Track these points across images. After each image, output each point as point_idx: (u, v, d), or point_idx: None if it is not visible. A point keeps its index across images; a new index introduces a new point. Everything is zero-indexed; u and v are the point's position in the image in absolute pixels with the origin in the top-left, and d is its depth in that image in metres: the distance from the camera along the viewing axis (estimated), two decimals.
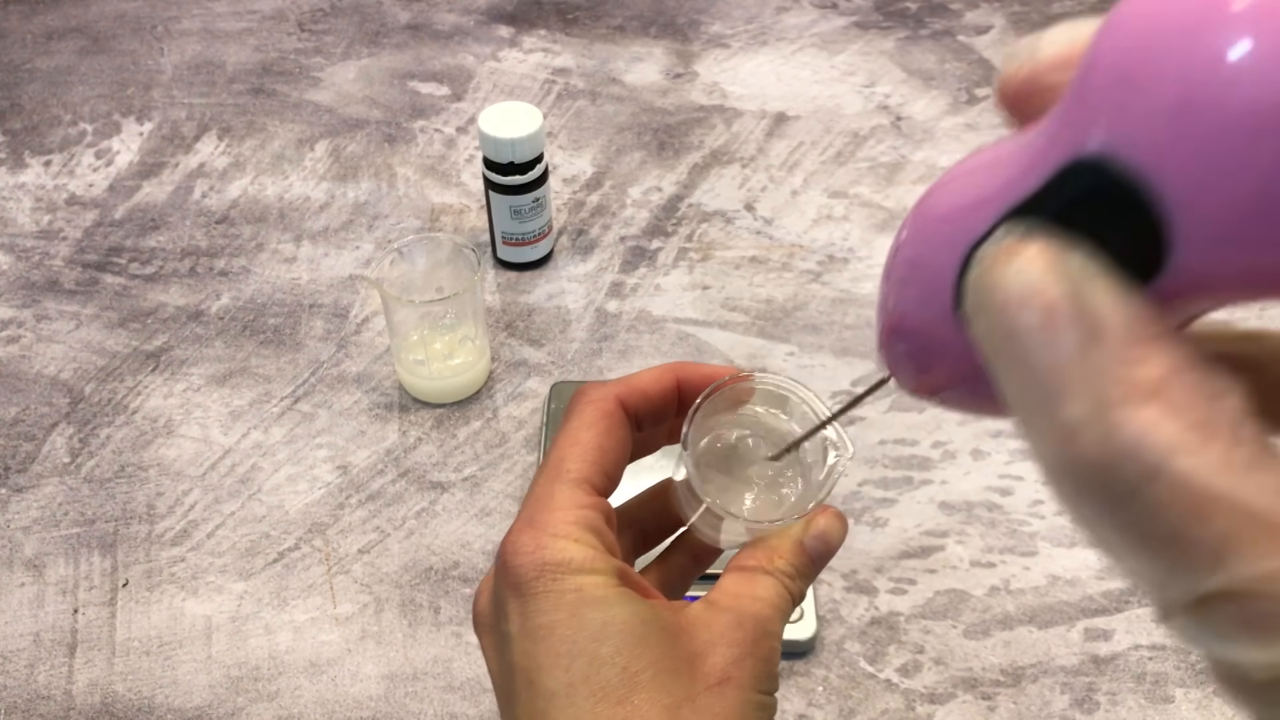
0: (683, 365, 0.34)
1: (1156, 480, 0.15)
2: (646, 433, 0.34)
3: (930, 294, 0.20)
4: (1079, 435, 0.16)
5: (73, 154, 0.92)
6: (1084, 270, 0.16)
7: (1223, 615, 0.15)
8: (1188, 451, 0.15)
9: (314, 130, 0.94)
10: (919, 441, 0.69)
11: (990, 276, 0.17)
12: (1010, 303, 0.17)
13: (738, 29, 1.06)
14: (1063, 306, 0.16)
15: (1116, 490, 0.16)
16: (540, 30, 1.06)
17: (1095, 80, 0.16)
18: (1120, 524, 0.16)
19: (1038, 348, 0.16)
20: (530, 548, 0.29)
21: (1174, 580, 0.16)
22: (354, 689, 0.58)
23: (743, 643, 0.29)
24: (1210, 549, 0.15)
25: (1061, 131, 0.17)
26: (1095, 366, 0.16)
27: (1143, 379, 0.15)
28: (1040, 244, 0.17)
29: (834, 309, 0.78)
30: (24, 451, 0.69)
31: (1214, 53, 0.14)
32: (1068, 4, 1.09)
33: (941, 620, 0.60)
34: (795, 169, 0.90)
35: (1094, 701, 0.57)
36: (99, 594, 0.62)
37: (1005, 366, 0.17)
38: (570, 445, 0.32)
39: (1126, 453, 0.15)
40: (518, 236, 0.78)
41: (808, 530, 0.32)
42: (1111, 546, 0.17)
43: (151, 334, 0.76)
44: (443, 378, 0.70)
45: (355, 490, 0.67)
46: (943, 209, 0.20)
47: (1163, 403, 0.15)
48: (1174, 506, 0.15)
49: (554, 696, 0.28)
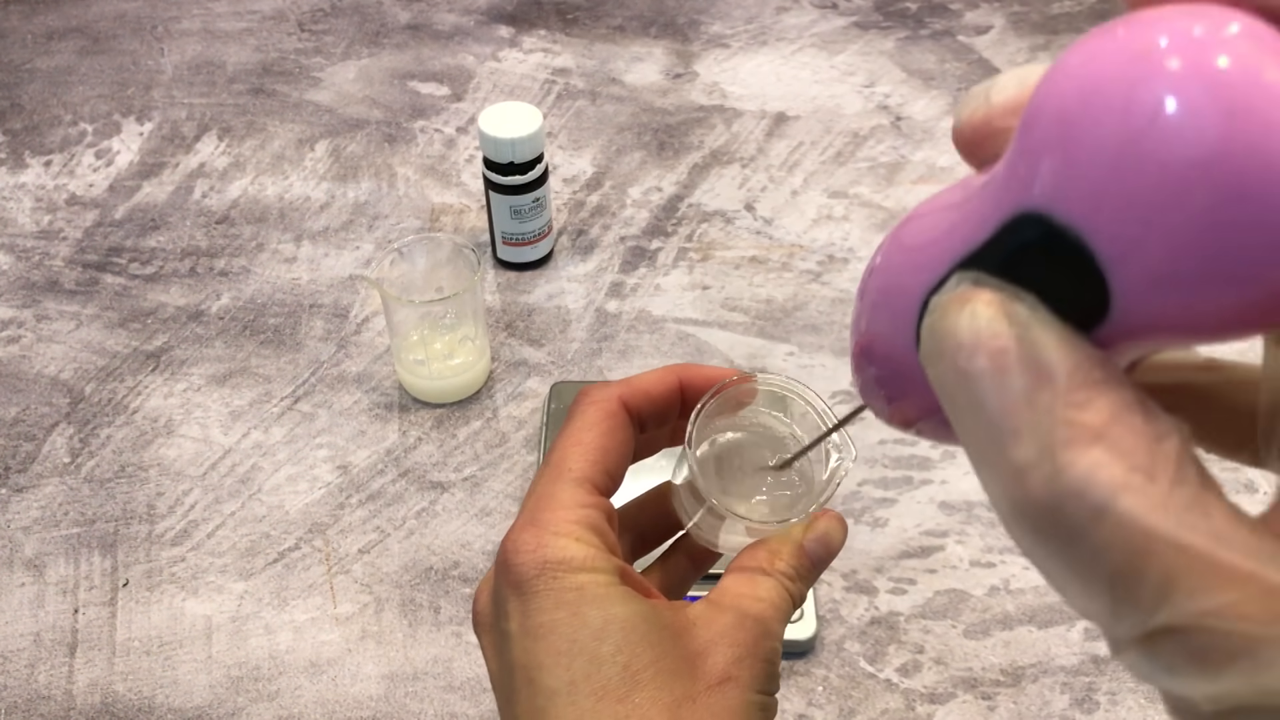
0: (686, 367, 0.34)
1: (1102, 520, 0.16)
2: (648, 434, 0.34)
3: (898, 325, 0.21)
4: (1027, 476, 0.16)
5: (73, 154, 0.92)
6: (1031, 317, 0.17)
7: (1169, 650, 0.16)
8: (1131, 491, 0.16)
9: (314, 130, 0.94)
10: (919, 441, 0.69)
11: (943, 323, 0.18)
12: (961, 348, 0.17)
13: (738, 29, 1.06)
14: (1011, 352, 0.17)
15: (1064, 530, 0.16)
16: (540, 30, 1.06)
17: (1035, 133, 0.16)
18: (1069, 563, 0.17)
19: (988, 391, 0.17)
20: (531, 546, 0.29)
21: (1121, 617, 0.16)
22: (354, 689, 0.58)
23: (744, 643, 0.29)
24: (1154, 586, 0.16)
25: (1007, 183, 0.17)
26: (1042, 409, 0.16)
27: (1088, 422, 0.16)
28: (989, 293, 0.17)
29: (834, 309, 0.78)
30: (24, 451, 0.69)
31: (1145, 109, 0.14)
32: (1067, 4, 1.09)
33: (941, 620, 0.60)
34: (795, 169, 0.90)
35: (1094, 701, 0.57)
36: (99, 594, 0.62)
37: (958, 409, 0.18)
38: (573, 445, 0.32)
39: (1073, 493, 0.16)
40: (518, 236, 0.78)
41: (808, 533, 0.32)
42: (1062, 585, 0.17)
43: (152, 334, 0.76)
44: (443, 378, 0.70)
45: (355, 490, 0.67)
46: (910, 244, 0.21)
47: (1107, 445, 0.16)
48: (1119, 545, 0.16)
49: (554, 695, 0.28)
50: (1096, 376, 0.16)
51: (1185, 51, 0.14)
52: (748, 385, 0.33)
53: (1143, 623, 0.16)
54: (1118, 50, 0.15)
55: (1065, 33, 1.05)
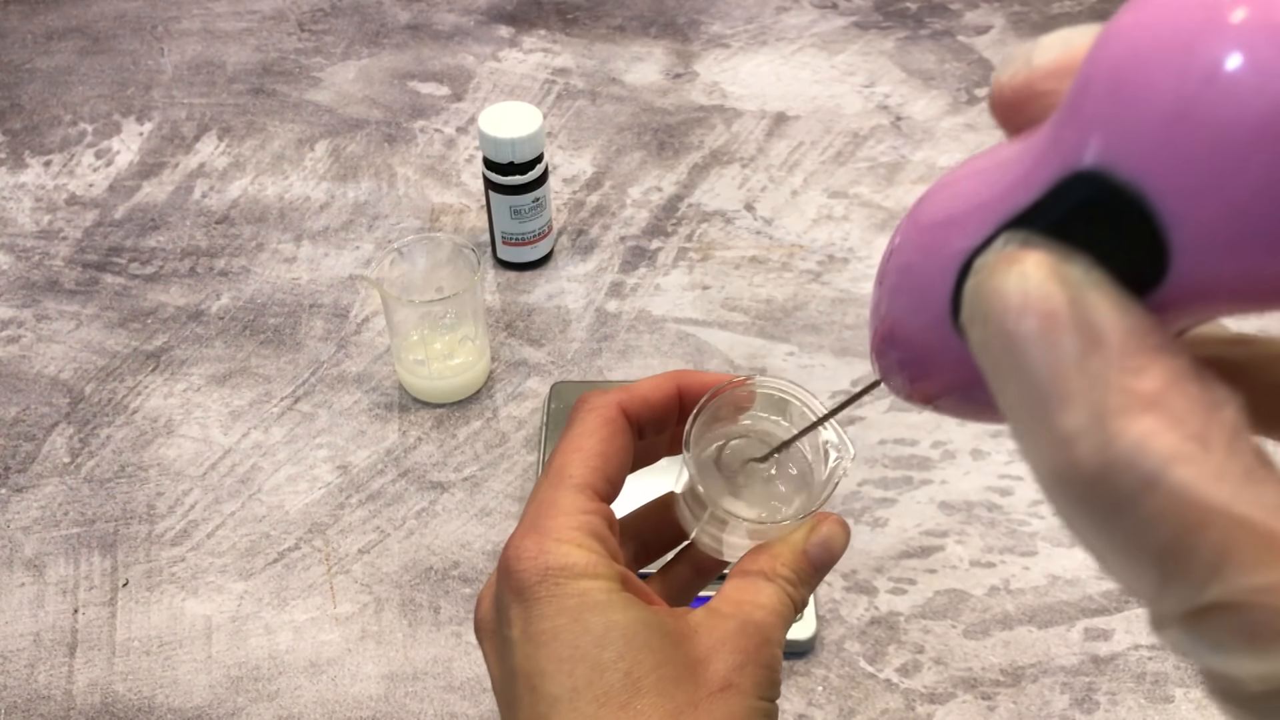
0: (684, 373, 0.34)
1: (1153, 490, 0.15)
2: (648, 441, 0.34)
3: (924, 301, 0.20)
4: (1076, 444, 0.16)
5: (73, 154, 0.92)
6: (1084, 279, 0.16)
7: (1218, 626, 0.15)
8: (1185, 462, 0.15)
9: (314, 130, 0.94)
10: (919, 441, 0.69)
11: (989, 284, 0.17)
12: (1010, 310, 0.17)
13: (738, 29, 1.06)
14: (1063, 315, 0.16)
15: (1113, 500, 0.16)
16: (540, 30, 1.06)
17: (1092, 91, 0.16)
18: (1115, 535, 0.16)
19: (1036, 356, 0.16)
20: (533, 553, 0.29)
21: (1169, 591, 0.16)
22: (354, 689, 0.58)
23: (745, 649, 0.29)
24: (1206, 561, 0.15)
25: (1059, 142, 0.17)
26: (1094, 375, 0.16)
27: (1142, 389, 0.15)
28: (1040, 253, 0.17)
29: (834, 309, 0.78)
30: (24, 451, 0.69)
31: (1209, 64, 0.14)
32: (1067, 4, 1.09)
33: (941, 620, 0.60)
34: (795, 169, 0.90)
35: (1094, 701, 0.57)
36: (99, 594, 0.62)
37: (1002, 375, 0.17)
38: (573, 451, 0.32)
39: (1124, 462, 0.15)
40: (518, 236, 0.78)
41: (810, 537, 0.32)
42: (1105, 557, 0.17)
43: (151, 334, 0.76)
44: (443, 378, 0.70)
45: (355, 490, 0.67)
46: (938, 216, 0.20)
47: (1161, 413, 0.15)
48: (1170, 517, 0.15)
49: (556, 701, 0.28)
50: (1151, 342, 0.16)
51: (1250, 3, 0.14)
52: (745, 389, 0.33)
53: (1191, 598, 0.15)
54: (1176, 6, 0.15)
55: None
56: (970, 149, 0.91)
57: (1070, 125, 0.16)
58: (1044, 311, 0.16)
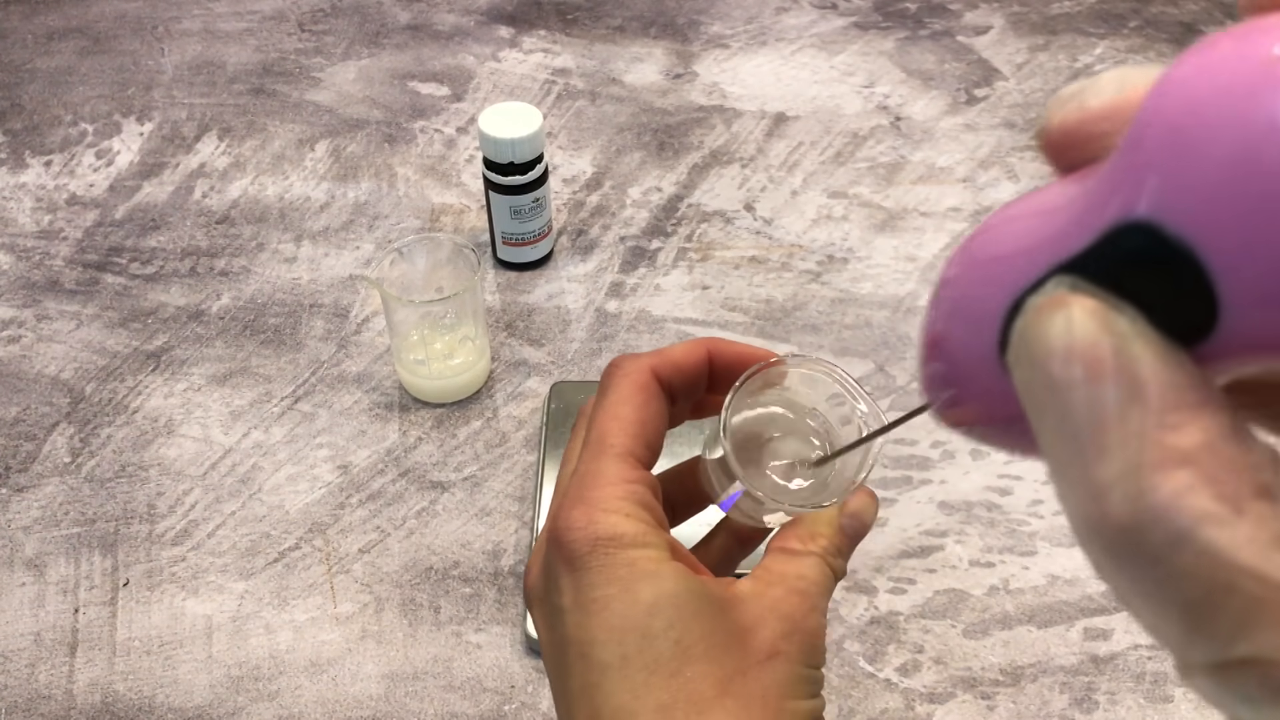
0: (715, 341, 0.34)
1: (1183, 548, 0.15)
2: (677, 406, 0.35)
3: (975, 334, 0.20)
4: (1110, 494, 0.16)
5: (73, 154, 0.92)
6: (1131, 329, 0.16)
7: (1246, 679, 0.15)
8: (1217, 522, 0.15)
9: (314, 130, 0.94)
10: (918, 441, 0.69)
11: (1037, 327, 0.17)
12: (1055, 355, 0.17)
13: (737, 29, 1.06)
14: (1107, 363, 0.16)
15: (1143, 552, 0.16)
16: (540, 30, 1.06)
17: (1148, 141, 0.16)
18: (1144, 586, 0.16)
19: (1078, 403, 0.16)
20: (582, 523, 0.30)
21: (1196, 644, 0.16)
22: (354, 688, 0.58)
23: (791, 618, 0.30)
24: (1233, 619, 0.15)
25: (1113, 190, 0.17)
26: (1133, 427, 0.16)
27: (1179, 445, 0.15)
28: (1089, 300, 0.17)
29: (833, 309, 0.78)
30: (25, 451, 0.69)
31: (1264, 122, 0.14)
32: (1067, 4, 1.09)
33: (941, 620, 0.60)
34: (795, 169, 0.90)
35: (1093, 701, 0.57)
36: (99, 594, 0.62)
37: (1043, 417, 0.17)
38: (611, 420, 0.32)
39: (1155, 517, 0.15)
40: (518, 236, 0.78)
41: (843, 510, 0.32)
42: (1134, 605, 0.17)
43: (152, 334, 0.76)
44: (443, 377, 0.70)
45: (355, 490, 0.67)
46: (993, 252, 0.20)
47: (1197, 471, 0.15)
48: (1199, 575, 0.15)
49: (607, 669, 0.28)
50: (1193, 399, 0.16)
51: None
52: (780, 368, 0.33)
53: (1218, 652, 0.15)
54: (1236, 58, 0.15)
55: (1065, 33, 1.05)
56: (970, 149, 0.92)
57: (1123, 173, 0.16)
58: (1088, 360, 0.16)
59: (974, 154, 0.91)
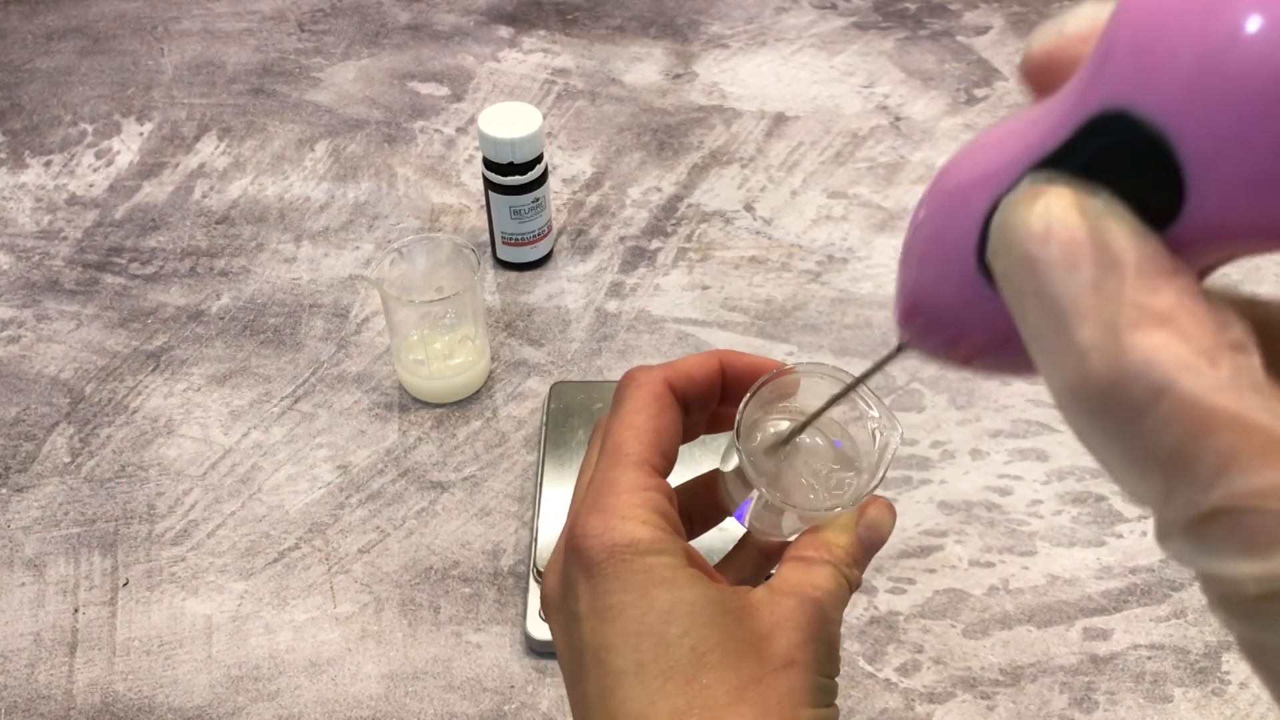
0: (727, 353, 0.35)
1: (1163, 399, 0.16)
2: (690, 419, 0.35)
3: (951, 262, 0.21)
4: (1090, 356, 0.17)
5: (73, 154, 0.92)
6: (1104, 210, 0.17)
7: (1220, 531, 0.16)
8: (1193, 372, 0.16)
9: (314, 130, 0.94)
10: (918, 441, 0.69)
11: (1014, 216, 0.18)
12: (1033, 238, 0.18)
13: (737, 29, 1.06)
14: (1083, 241, 0.17)
15: (1124, 410, 0.17)
16: (540, 30, 1.06)
17: (1119, 42, 0.17)
18: (1125, 444, 0.17)
19: (1056, 280, 0.17)
20: (599, 530, 0.30)
21: (1175, 498, 0.17)
22: (354, 688, 0.58)
23: (806, 627, 0.30)
24: (1211, 465, 0.16)
25: (1086, 90, 0.18)
26: (1110, 295, 0.17)
27: (1154, 306, 0.16)
28: (1062, 187, 0.18)
29: (833, 309, 0.78)
30: (24, 451, 0.69)
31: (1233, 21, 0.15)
32: (1066, 4, 1.09)
33: (940, 620, 0.60)
34: (794, 169, 0.90)
35: (1093, 701, 0.57)
36: (99, 594, 0.62)
37: (1024, 301, 0.18)
38: (626, 429, 0.32)
39: (1135, 372, 0.16)
40: (518, 236, 0.78)
41: (860, 519, 0.33)
42: (1116, 468, 0.18)
43: (152, 334, 0.76)
44: (443, 377, 0.70)
45: (355, 490, 0.67)
46: (964, 177, 0.21)
47: (1172, 328, 0.16)
48: (1178, 424, 0.16)
49: (623, 675, 0.28)
50: (1165, 266, 0.17)
51: None
52: (791, 376, 0.33)
53: (1196, 502, 0.16)
54: None
55: None
56: None
57: (1096, 73, 0.18)
58: (1065, 238, 0.17)
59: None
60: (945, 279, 0.22)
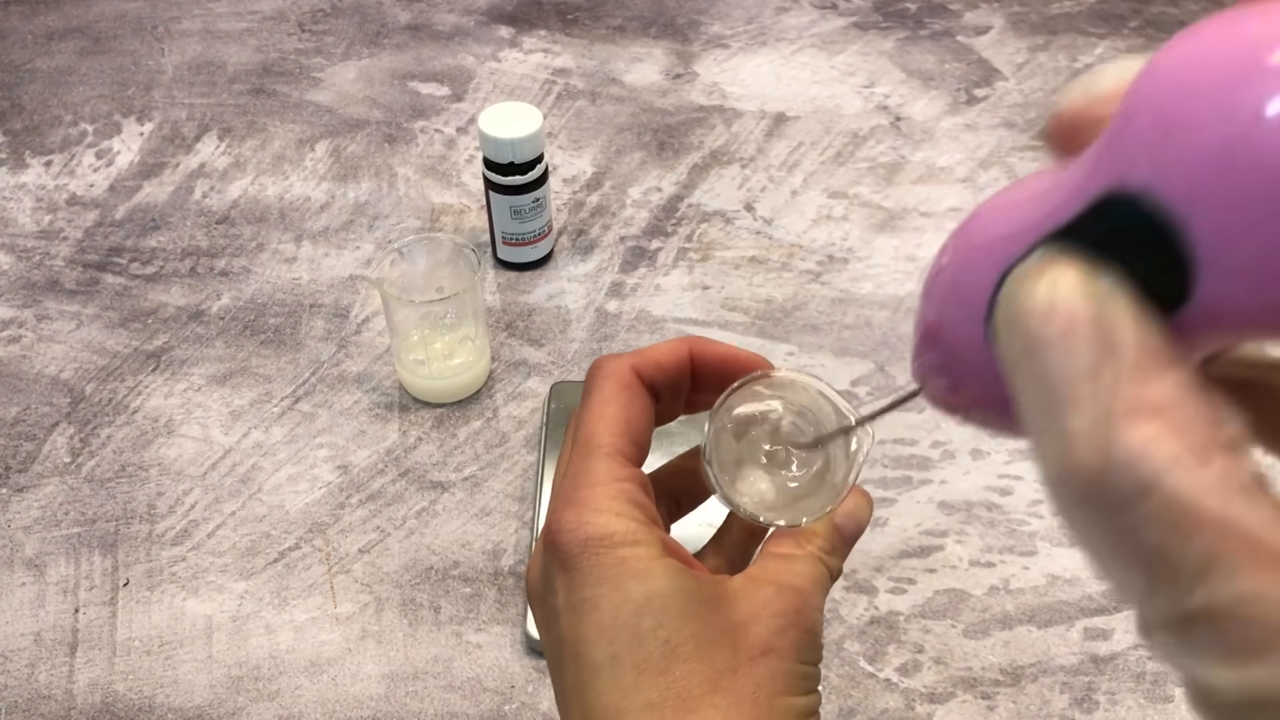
0: (696, 340, 0.35)
1: (1149, 495, 0.16)
2: (663, 404, 0.35)
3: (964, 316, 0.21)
4: (1080, 443, 0.16)
5: (73, 154, 0.92)
6: (1109, 291, 0.17)
7: (1201, 634, 0.16)
8: (1182, 469, 0.16)
9: (314, 130, 0.94)
10: (918, 441, 0.69)
11: (1020, 289, 0.18)
12: (1035, 314, 0.17)
13: (737, 29, 1.06)
14: (1084, 322, 0.17)
15: (1109, 500, 0.16)
16: (540, 30, 1.06)
17: (1137, 118, 0.17)
18: (1111, 535, 0.17)
19: (1054, 359, 0.17)
20: (573, 524, 0.30)
21: (1157, 595, 0.16)
22: (354, 688, 0.58)
23: (785, 614, 0.30)
24: (1194, 566, 0.16)
25: (1101, 165, 0.18)
26: (1105, 381, 0.16)
27: (1147, 397, 0.16)
28: (1071, 263, 0.17)
29: (833, 309, 0.78)
30: (25, 451, 0.69)
31: (1251, 106, 0.15)
32: (1067, 4, 1.09)
33: (941, 620, 0.60)
34: (795, 169, 0.90)
35: (1093, 701, 0.57)
36: (100, 594, 0.62)
37: (1022, 376, 0.18)
38: (597, 420, 0.32)
39: (1123, 464, 0.16)
40: (518, 236, 0.78)
41: (838, 510, 0.33)
42: (1100, 557, 0.17)
43: (152, 334, 0.76)
44: (443, 378, 0.70)
45: (355, 490, 0.67)
46: (984, 236, 0.21)
47: (1164, 422, 0.16)
48: (1163, 521, 0.16)
49: (598, 669, 0.28)
50: (1163, 357, 0.17)
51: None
52: (763, 382, 0.33)
53: (1178, 602, 0.16)
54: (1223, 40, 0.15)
55: (1065, 33, 1.05)
56: (970, 149, 0.92)
57: (1111, 149, 0.17)
58: (1067, 318, 0.17)
59: (974, 154, 0.91)
60: (957, 326, 0.22)
